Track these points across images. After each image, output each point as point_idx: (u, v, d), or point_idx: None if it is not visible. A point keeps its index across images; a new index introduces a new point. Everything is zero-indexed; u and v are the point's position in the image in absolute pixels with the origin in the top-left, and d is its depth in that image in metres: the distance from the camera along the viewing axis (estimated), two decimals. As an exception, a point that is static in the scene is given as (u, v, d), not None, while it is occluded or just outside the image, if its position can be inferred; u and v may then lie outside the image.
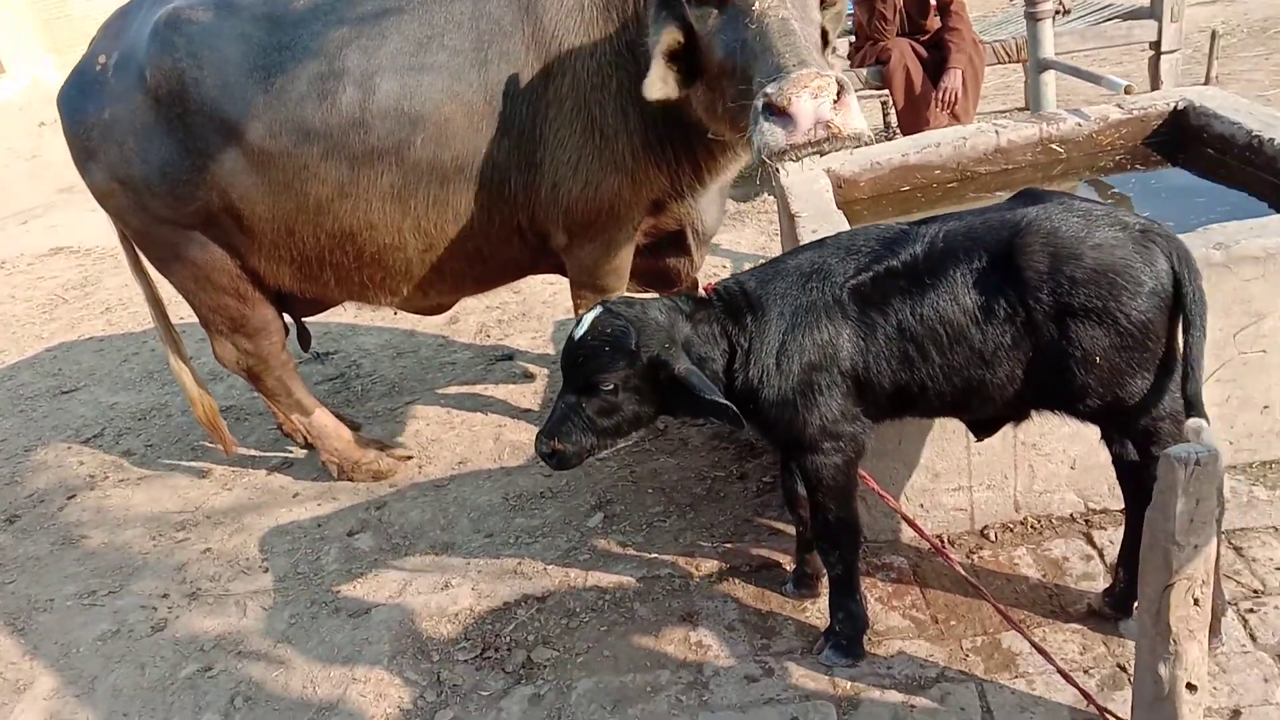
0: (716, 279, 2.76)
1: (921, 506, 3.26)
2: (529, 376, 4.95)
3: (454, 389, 4.97)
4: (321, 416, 4.25)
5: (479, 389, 4.91)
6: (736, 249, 5.98)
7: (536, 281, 5.59)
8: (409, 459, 4.34)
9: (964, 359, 2.47)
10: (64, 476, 4.86)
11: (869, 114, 4.94)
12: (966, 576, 2.68)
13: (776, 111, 2.60)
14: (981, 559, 3.16)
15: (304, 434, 4.32)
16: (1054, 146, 4.21)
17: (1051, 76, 5.15)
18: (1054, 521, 3.24)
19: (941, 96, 5.84)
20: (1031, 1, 5.09)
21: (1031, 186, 2.67)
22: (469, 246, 3.74)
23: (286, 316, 4.23)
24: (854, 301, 2.50)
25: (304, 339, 4.40)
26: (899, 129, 6.21)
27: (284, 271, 3.86)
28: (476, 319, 5.70)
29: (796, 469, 2.77)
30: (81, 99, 3.74)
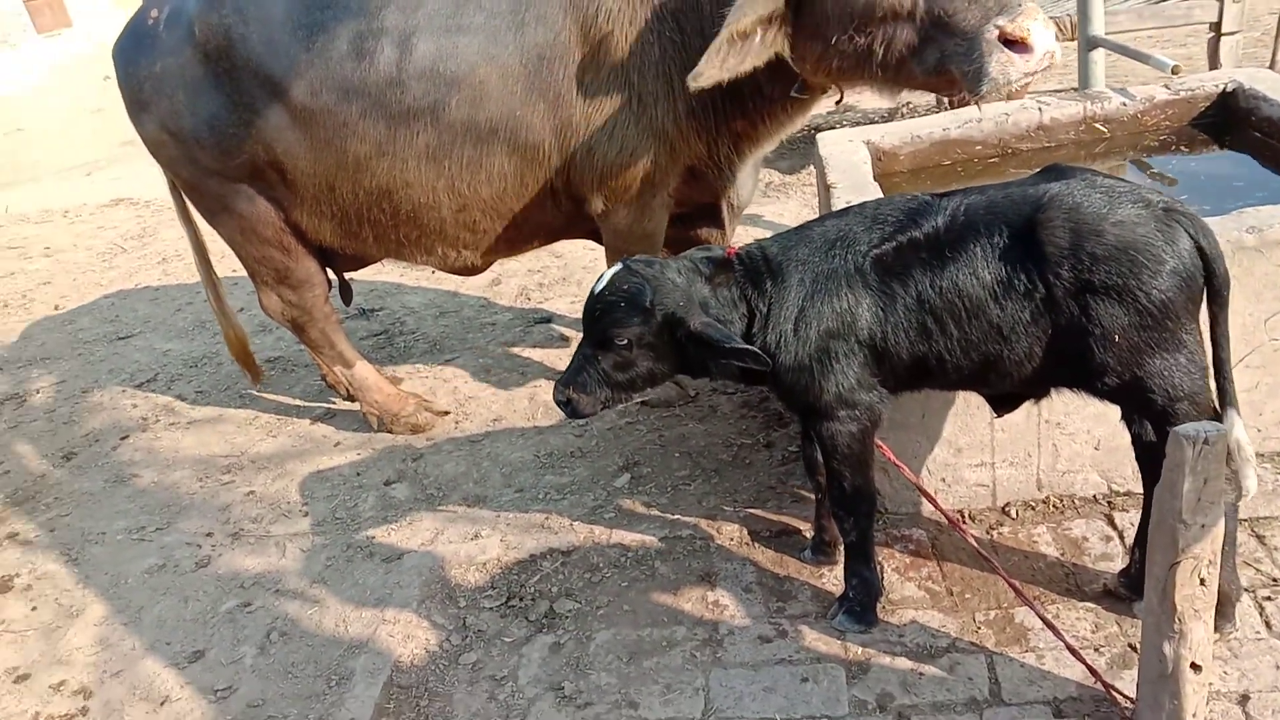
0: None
1: (944, 481, 3.29)
2: (565, 339, 5.03)
3: (493, 349, 5.07)
4: (363, 369, 4.37)
5: (517, 350, 5.00)
6: (780, 221, 5.98)
7: (577, 246, 5.66)
8: (446, 414, 4.46)
9: (982, 333, 2.49)
10: (118, 418, 5.06)
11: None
12: (979, 549, 2.72)
13: (1013, 42, 2.72)
14: (1001, 535, 3.19)
15: (346, 386, 4.44)
16: (1098, 125, 4.17)
17: (1100, 55, 5.07)
18: (1076, 502, 3.26)
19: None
20: (1086, -22, 5.01)
21: (1057, 162, 2.68)
22: (502, 208, 3.80)
23: (330, 272, 4.34)
24: (875, 271, 2.54)
25: (346, 294, 4.52)
26: (948, 103, 6.14)
27: (325, 227, 3.96)
28: (518, 281, 5.79)
29: (813, 435, 2.82)
30: (134, 52, 3.86)
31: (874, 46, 2.99)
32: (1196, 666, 2.30)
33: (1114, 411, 2.68)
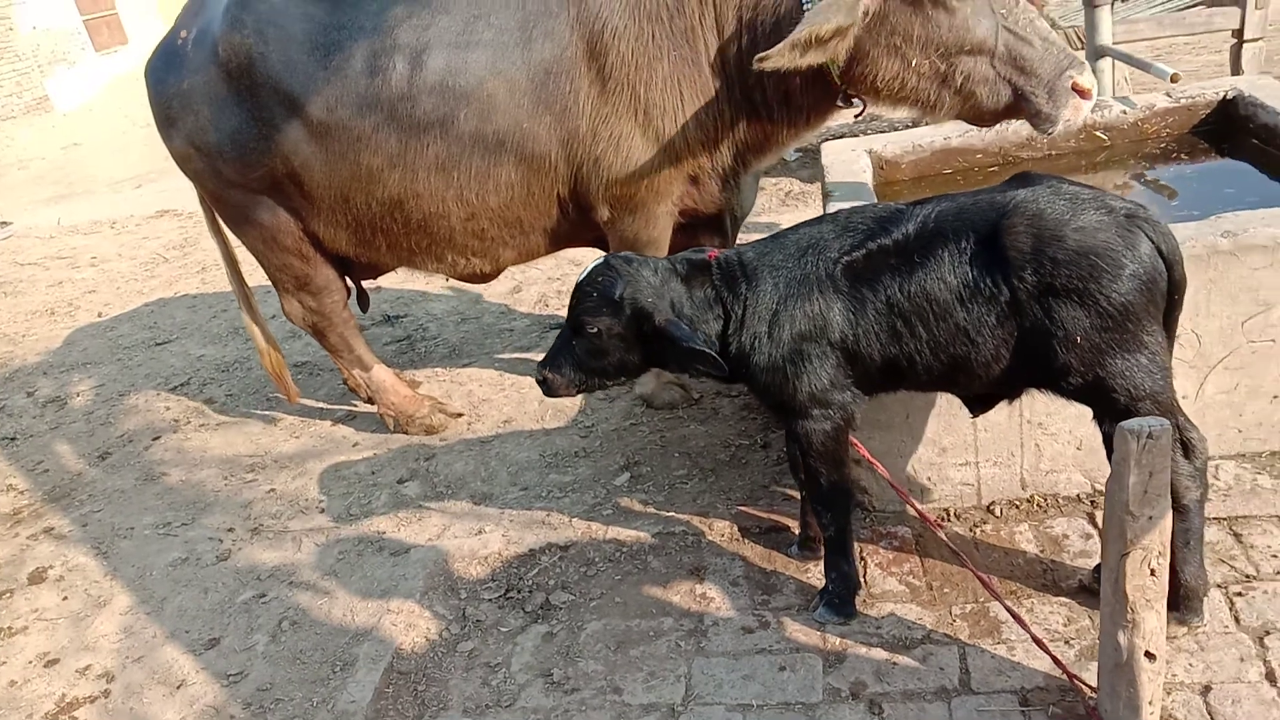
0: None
1: (929, 480, 3.38)
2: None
3: (509, 354, 5.23)
4: (380, 372, 4.55)
5: (532, 355, 5.15)
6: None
7: (597, 256, 5.80)
8: (460, 416, 4.62)
9: (950, 335, 2.59)
10: (151, 420, 5.29)
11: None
12: (948, 542, 2.82)
13: (1079, 91, 3.12)
14: (984, 533, 3.27)
15: (365, 388, 4.62)
16: (1098, 134, 4.23)
17: (1108, 64, 5.12)
18: (1060, 501, 3.32)
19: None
20: (1091, -12, 5.06)
21: (1026, 170, 2.77)
22: (510, 216, 3.95)
23: (348, 280, 4.52)
24: (846, 276, 2.65)
25: (363, 301, 4.70)
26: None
27: (341, 236, 4.15)
28: (538, 289, 5.95)
29: (789, 434, 2.93)
30: (164, 70, 4.08)
31: (952, 75, 3.22)
32: (1151, 655, 2.37)
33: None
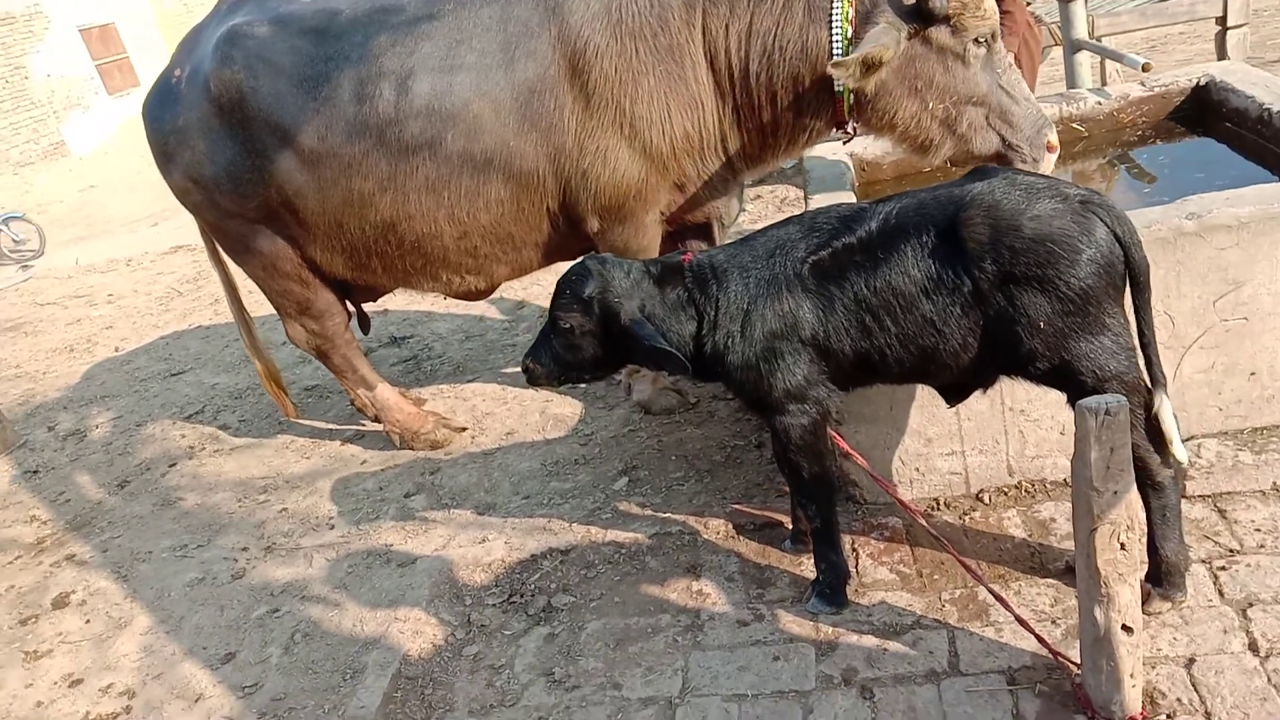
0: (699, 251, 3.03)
1: (918, 471, 3.45)
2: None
3: (512, 369, 5.34)
4: (384, 391, 4.67)
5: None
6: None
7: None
8: (464, 430, 4.73)
9: (917, 327, 2.66)
10: (168, 448, 5.43)
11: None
12: (928, 528, 2.89)
13: (1049, 148, 3.50)
14: (972, 520, 3.33)
15: (370, 408, 4.74)
16: (1075, 125, 4.31)
17: (1085, 57, 5.21)
18: (1047, 485, 3.39)
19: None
20: (1063, -17, 5.15)
21: (983, 164, 2.85)
22: (501, 233, 4.06)
23: (349, 304, 4.64)
24: (814, 275, 2.73)
25: (364, 324, 4.81)
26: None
27: (337, 260, 4.26)
28: (540, 304, 6.06)
29: (770, 430, 3.01)
30: (160, 108, 4.23)
31: (958, 121, 3.48)
32: (1128, 629, 2.43)
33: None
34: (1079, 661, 2.61)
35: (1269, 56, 7.96)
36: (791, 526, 3.40)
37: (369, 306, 4.84)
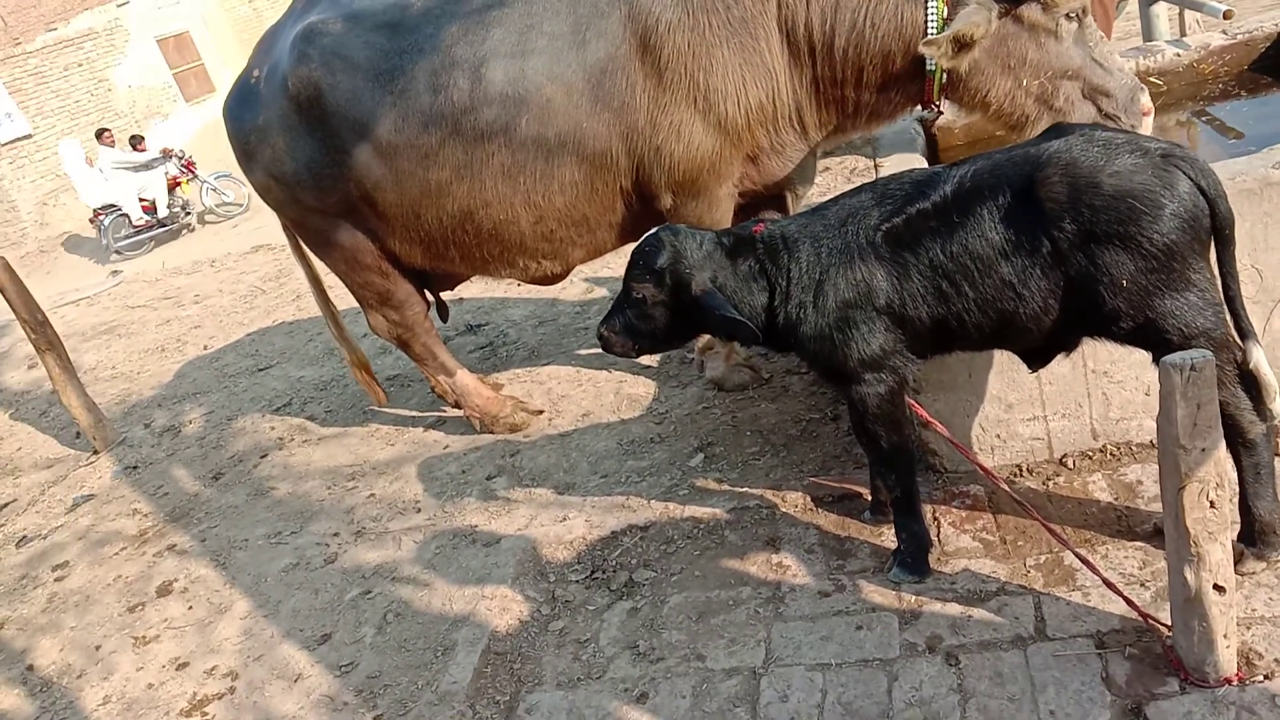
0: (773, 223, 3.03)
1: (998, 438, 3.41)
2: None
3: (585, 351, 5.40)
4: (464, 377, 4.76)
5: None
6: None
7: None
8: (541, 413, 4.80)
9: (996, 291, 2.63)
10: (258, 440, 5.62)
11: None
12: (1011, 493, 2.86)
13: (1144, 114, 3.48)
14: (1056, 485, 3.29)
15: (451, 394, 4.84)
16: (1153, 79, 4.17)
17: (1162, 8, 5.03)
18: (1133, 448, 3.32)
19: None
20: (1138, -66, 4.99)
21: (1060, 123, 2.79)
22: (576, 215, 4.10)
23: (428, 293, 4.74)
24: (887, 242, 2.71)
25: (443, 312, 4.91)
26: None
27: (416, 251, 4.35)
28: (610, 288, 6.11)
29: (846, 400, 3.00)
30: (240, 108, 4.36)
31: (1054, 96, 3.49)
32: (1220, 588, 2.38)
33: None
34: (1169, 624, 2.57)
35: (1360, -1, 7.60)
36: (871, 497, 3.39)
37: (446, 295, 4.94)
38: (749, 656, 2.96)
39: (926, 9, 3.47)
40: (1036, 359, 2.91)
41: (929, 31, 3.44)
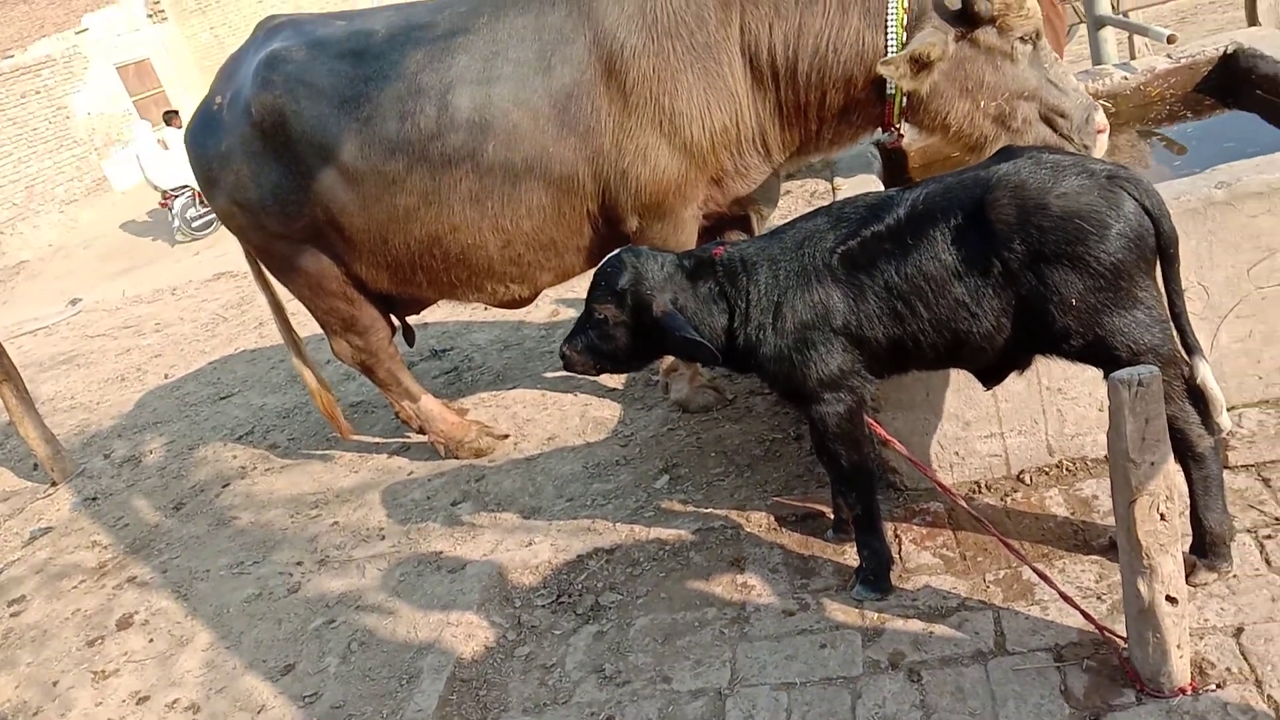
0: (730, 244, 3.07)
1: (957, 455, 3.45)
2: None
3: (551, 374, 5.41)
4: (428, 402, 4.75)
5: (571, 375, 5.31)
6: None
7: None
8: (506, 437, 4.80)
9: (950, 311, 2.68)
10: (220, 469, 5.56)
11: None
12: (967, 508, 2.90)
13: (1099, 130, 3.55)
14: (1014, 501, 3.33)
15: (415, 419, 4.82)
16: (1102, 102, 4.25)
17: (1110, 33, 5.17)
18: (1088, 463, 3.38)
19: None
20: (1084, -39, 5.12)
21: (1009, 145, 2.86)
22: (544, 238, 4.12)
23: (393, 318, 4.74)
24: (843, 265, 2.76)
25: (409, 336, 4.90)
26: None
27: (382, 276, 4.35)
28: (574, 312, 6.12)
29: (806, 420, 3.04)
30: (203, 135, 4.35)
31: (1011, 116, 3.57)
32: (1173, 599, 2.43)
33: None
34: (1125, 636, 2.61)
35: (1301, 22, 7.82)
36: (834, 516, 3.42)
37: (411, 319, 4.93)
38: (715, 677, 2.97)
39: (887, 34, 3.56)
40: (991, 377, 2.97)
41: (889, 55, 3.52)
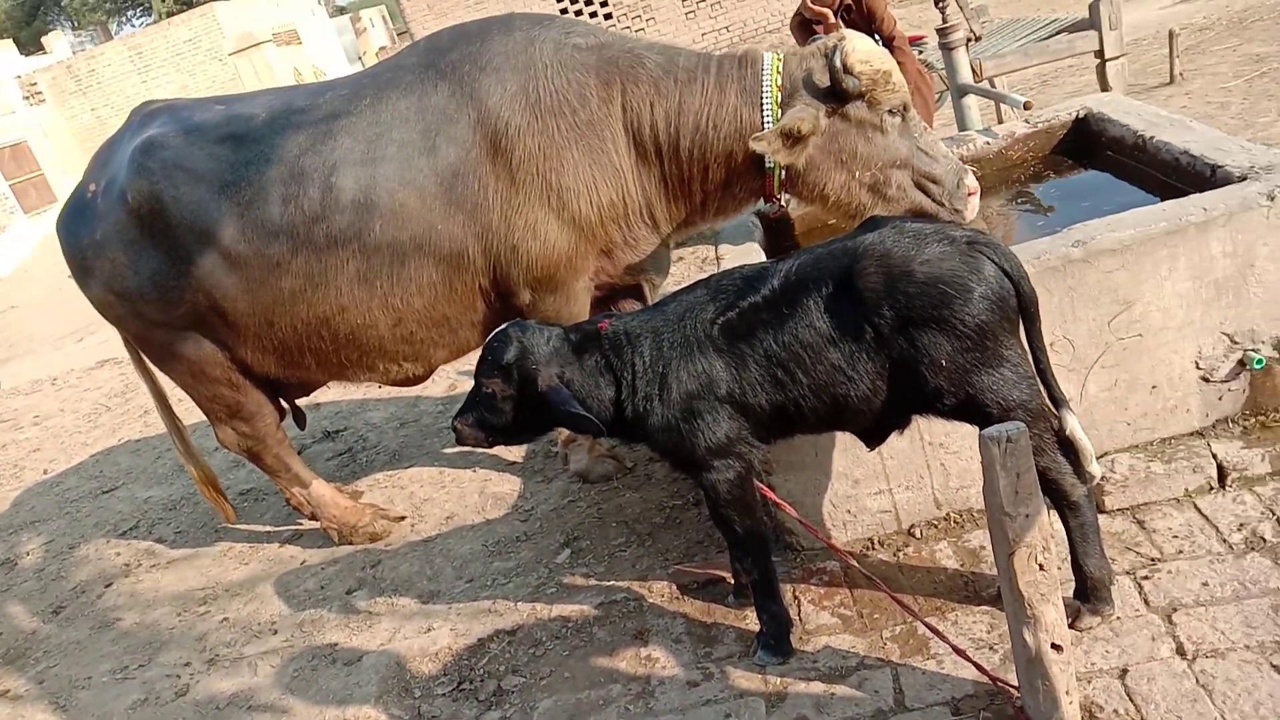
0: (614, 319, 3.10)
1: (849, 512, 3.51)
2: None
3: (449, 450, 5.34)
4: (319, 487, 4.63)
5: (470, 449, 5.25)
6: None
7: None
8: (403, 519, 4.70)
9: (828, 376, 2.75)
10: (103, 568, 5.31)
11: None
12: (859, 567, 2.95)
13: (970, 192, 3.73)
14: (906, 555, 3.40)
15: (307, 505, 4.69)
16: (968, 166, 4.48)
17: (973, 100, 5.45)
18: (974, 514, 3.47)
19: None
20: (944, 34, 5.41)
21: (874, 215, 2.98)
22: (436, 315, 4.10)
23: (282, 401, 4.62)
24: (724, 335, 2.82)
25: (299, 419, 4.79)
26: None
27: (269, 360, 4.26)
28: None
29: (700, 488, 3.06)
30: (75, 223, 4.23)
31: (885, 185, 3.72)
32: (1057, 646, 2.49)
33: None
34: (1018, 684, 2.67)
35: (1150, 83, 8.37)
36: (734, 580, 3.43)
37: (302, 401, 4.82)
38: (620, 756, 2.93)
39: (763, 111, 3.71)
40: (873, 438, 3.03)
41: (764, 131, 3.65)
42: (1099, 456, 3.33)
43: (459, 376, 6.26)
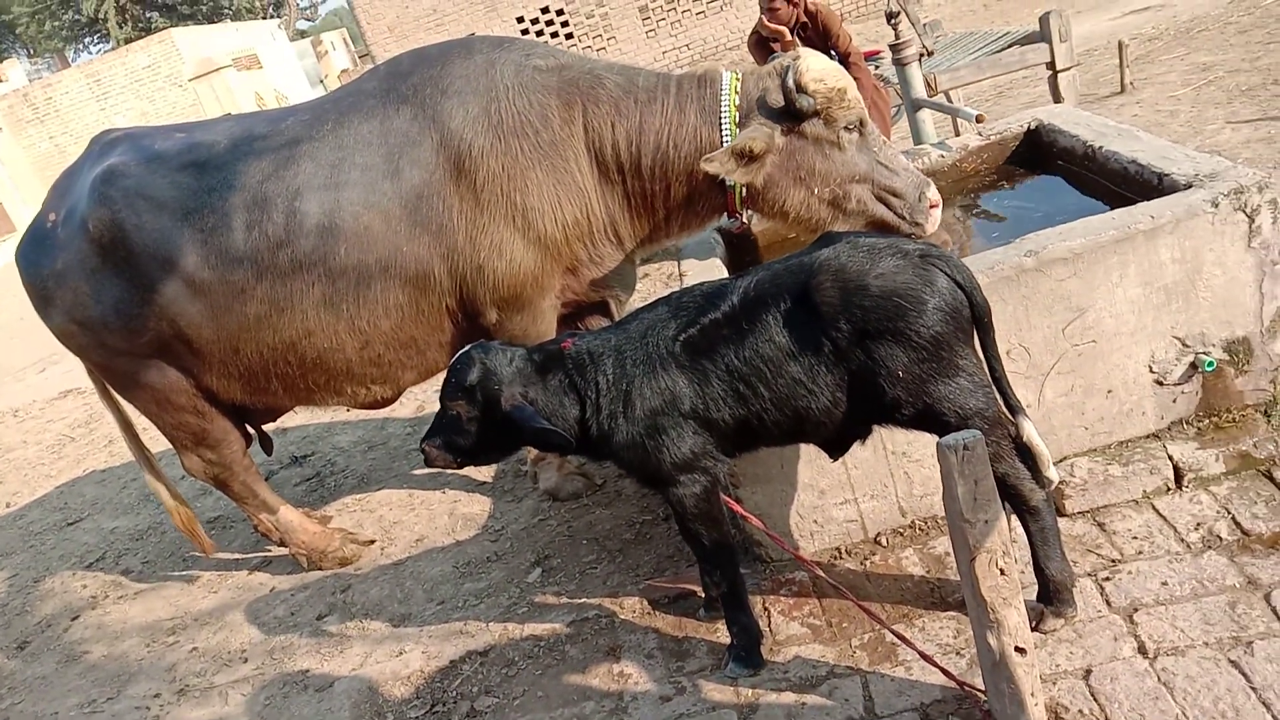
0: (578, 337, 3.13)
1: (816, 523, 3.55)
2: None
3: (419, 472, 5.33)
4: (287, 513, 4.61)
5: (440, 470, 5.24)
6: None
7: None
8: (372, 543, 4.69)
9: (789, 390, 2.79)
10: (69, 601, 5.24)
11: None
12: (825, 576, 2.98)
13: (932, 205, 3.75)
14: (873, 564, 3.44)
15: (275, 531, 4.67)
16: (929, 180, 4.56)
17: (927, 114, 5.54)
18: (938, 521, 3.52)
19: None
20: (897, 50, 5.51)
21: (829, 230, 3.03)
22: (403, 336, 4.11)
23: (248, 427, 4.60)
24: (686, 351, 2.85)
25: (266, 445, 4.77)
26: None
27: (235, 386, 4.24)
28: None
29: (667, 503, 3.09)
30: (35, 253, 4.20)
31: (845, 200, 3.77)
32: (1021, 650, 2.54)
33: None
34: (984, 689, 2.72)
35: (1103, 93, 8.54)
36: (705, 594, 3.46)
37: (268, 426, 4.80)
38: (594, 773, 2.94)
39: (721, 131, 3.76)
40: (836, 449, 3.07)
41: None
42: (1058, 461, 3.42)
43: (426, 397, 6.25)
